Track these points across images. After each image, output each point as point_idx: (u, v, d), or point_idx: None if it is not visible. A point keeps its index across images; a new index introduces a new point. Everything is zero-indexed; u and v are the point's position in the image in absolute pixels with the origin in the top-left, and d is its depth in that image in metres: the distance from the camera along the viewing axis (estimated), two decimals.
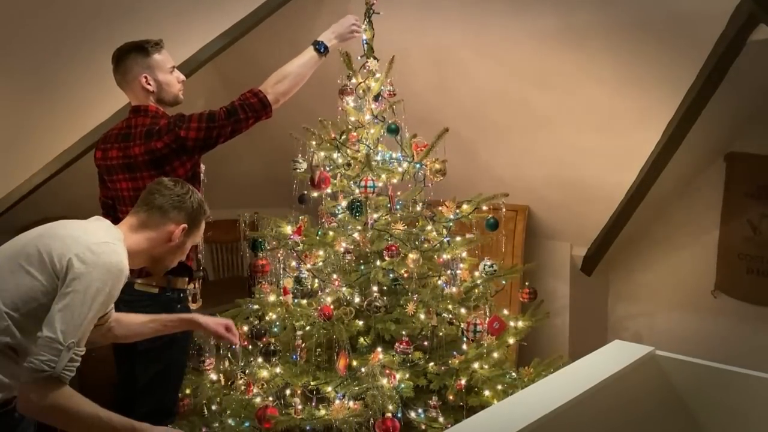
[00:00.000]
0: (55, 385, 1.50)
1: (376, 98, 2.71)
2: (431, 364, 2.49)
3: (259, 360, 2.52)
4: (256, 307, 2.70)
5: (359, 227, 2.62)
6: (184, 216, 1.84)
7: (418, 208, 2.70)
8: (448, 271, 2.63)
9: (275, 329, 2.62)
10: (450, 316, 2.57)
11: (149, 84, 2.26)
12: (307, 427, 2.32)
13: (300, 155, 2.74)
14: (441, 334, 2.53)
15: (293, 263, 2.68)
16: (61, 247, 1.61)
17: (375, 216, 2.62)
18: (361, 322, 2.51)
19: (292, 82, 2.34)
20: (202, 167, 2.57)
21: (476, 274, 2.68)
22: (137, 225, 1.80)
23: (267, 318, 2.66)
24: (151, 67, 2.26)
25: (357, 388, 2.31)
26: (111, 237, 1.70)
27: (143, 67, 2.25)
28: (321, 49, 2.40)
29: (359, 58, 2.74)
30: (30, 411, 1.52)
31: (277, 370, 2.49)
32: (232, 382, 2.57)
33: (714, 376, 1.96)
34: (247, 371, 2.56)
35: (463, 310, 2.59)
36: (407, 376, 2.39)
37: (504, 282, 2.74)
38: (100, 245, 1.63)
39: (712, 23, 2.61)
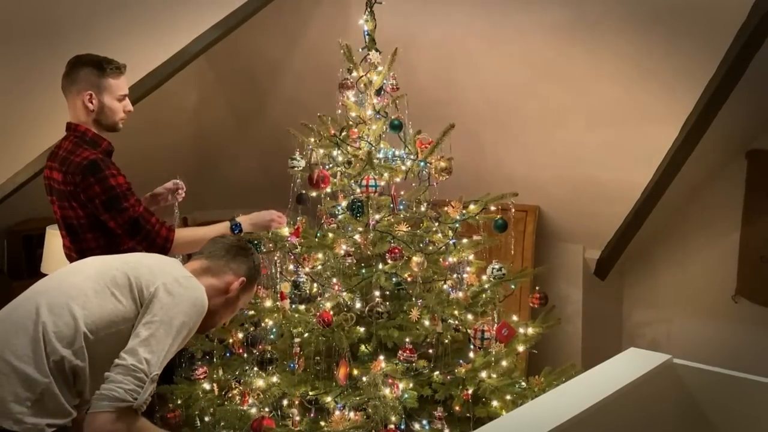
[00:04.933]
0: (133, 417, 1.50)
1: (379, 93, 2.72)
2: (436, 373, 2.49)
3: (255, 369, 2.52)
4: (251, 313, 2.71)
5: (360, 228, 2.62)
6: (245, 270, 1.90)
7: (423, 209, 2.70)
8: (454, 275, 2.63)
9: (272, 336, 2.62)
10: (456, 322, 2.57)
11: (91, 103, 2.32)
12: None
13: (298, 153, 2.75)
14: (446, 341, 2.53)
15: (291, 266, 2.69)
16: (149, 274, 1.66)
17: (377, 217, 2.62)
18: (362, 329, 2.51)
19: (196, 245, 2.31)
20: (179, 181, 2.59)
21: (484, 278, 2.68)
22: (200, 270, 1.85)
23: (263, 324, 2.66)
24: (100, 87, 2.32)
25: (358, 398, 2.32)
26: (189, 273, 1.75)
27: (92, 84, 2.31)
28: (236, 230, 2.47)
29: (360, 50, 2.74)
30: None
31: (274, 379, 2.49)
32: (227, 391, 2.58)
33: (734, 385, 1.96)
34: (242, 380, 2.56)
35: (469, 316, 2.59)
36: (411, 385, 2.39)
37: (513, 286, 2.73)
38: (187, 279, 1.69)
39: (733, 13, 2.62)
